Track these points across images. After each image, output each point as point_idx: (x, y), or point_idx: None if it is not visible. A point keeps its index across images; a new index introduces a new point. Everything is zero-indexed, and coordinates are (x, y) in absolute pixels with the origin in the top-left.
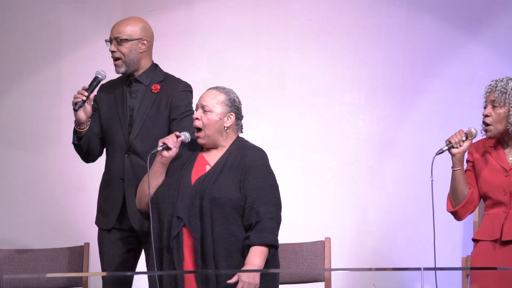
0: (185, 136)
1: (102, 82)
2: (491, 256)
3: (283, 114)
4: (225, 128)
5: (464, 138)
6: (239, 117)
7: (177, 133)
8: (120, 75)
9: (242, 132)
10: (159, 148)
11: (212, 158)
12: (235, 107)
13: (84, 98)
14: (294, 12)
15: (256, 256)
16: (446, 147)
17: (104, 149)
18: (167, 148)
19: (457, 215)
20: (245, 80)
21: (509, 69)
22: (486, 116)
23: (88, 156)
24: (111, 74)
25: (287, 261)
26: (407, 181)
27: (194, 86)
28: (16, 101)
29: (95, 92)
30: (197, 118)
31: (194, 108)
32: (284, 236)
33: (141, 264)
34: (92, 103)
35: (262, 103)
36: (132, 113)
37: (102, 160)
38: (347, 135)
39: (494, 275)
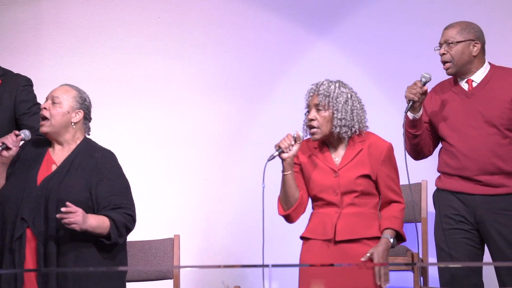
0: (25, 134)
1: None
2: (323, 254)
3: (132, 111)
4: (72, 124)
5: (293, 142)
6: (87, 117)
7: (17, 132)
8: None
9: (89, 134)
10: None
11: (58, 157)
12: (85, 106)
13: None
14: (143, 9)
15: (95, 217)
16: (277, 153)
17: None
18: (7, 148)
19: (289, 218)
20: (93, 77)
21: (359, 68)
22: (311, 120)
23: None
24: None
25: (135, 259)
26: (256, 178)
27: (42, 83)
28: None
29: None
30: (45, 108)
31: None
32: (133, 233)
33: None
34: None
35: (111, 100)
36: None
37: None
38: (196, 133)
39: (325, 273)
